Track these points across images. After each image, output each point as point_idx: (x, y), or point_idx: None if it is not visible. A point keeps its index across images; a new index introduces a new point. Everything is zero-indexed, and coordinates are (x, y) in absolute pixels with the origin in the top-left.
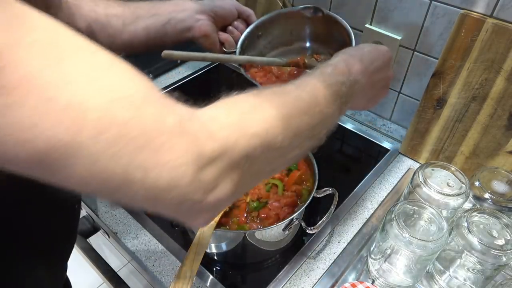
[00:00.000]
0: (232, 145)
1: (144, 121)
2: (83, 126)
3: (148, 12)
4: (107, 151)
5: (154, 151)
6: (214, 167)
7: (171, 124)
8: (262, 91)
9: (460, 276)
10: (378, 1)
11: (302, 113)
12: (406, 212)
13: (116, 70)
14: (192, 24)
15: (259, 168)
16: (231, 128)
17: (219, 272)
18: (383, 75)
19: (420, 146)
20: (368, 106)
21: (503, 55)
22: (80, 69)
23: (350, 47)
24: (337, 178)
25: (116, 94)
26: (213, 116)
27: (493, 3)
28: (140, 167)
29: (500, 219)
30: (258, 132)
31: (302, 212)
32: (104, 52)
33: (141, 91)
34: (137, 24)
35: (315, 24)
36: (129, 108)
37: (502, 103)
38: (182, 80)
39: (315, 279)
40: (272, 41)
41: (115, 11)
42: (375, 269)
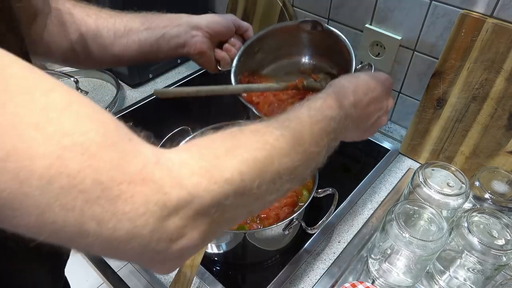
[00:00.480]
0: (202, 193)
1: (99, 170)
2: (29, 175)
3: (141, 25)
4: (56, 202)
5: (111, 201)
6: (179, 217)
7: (132, 171)
8: (242, 130)
9: (460, 276)
10: (378, 1)
11: (284, 155)
12: (406, 212)
13: (72, 112)
14: (187, 41)
15: (232, 214)
16: (202, 174)
17: (219, 272)
18: (380, 106)
19: (420, 146)
20: (365, 137)
21: (503, 55)
22: (28, 111)
23: (345, 75)
24: (337, 178)
25: (68, 139)
26: (183, 160)
27: (493, 3)
28: (94, 219)
29: (500, 219)
30: (231, 178)
31: (302, 212)
32: (61, 90)
33: (100, 135)
34: (128, 38)
35: (315, 38)
36: (82, 155)
37: (502, 103)
38: (182, 80)
39: (315, 279)
40: (270, 55)
41: (106, 23)
42: (375, 269)
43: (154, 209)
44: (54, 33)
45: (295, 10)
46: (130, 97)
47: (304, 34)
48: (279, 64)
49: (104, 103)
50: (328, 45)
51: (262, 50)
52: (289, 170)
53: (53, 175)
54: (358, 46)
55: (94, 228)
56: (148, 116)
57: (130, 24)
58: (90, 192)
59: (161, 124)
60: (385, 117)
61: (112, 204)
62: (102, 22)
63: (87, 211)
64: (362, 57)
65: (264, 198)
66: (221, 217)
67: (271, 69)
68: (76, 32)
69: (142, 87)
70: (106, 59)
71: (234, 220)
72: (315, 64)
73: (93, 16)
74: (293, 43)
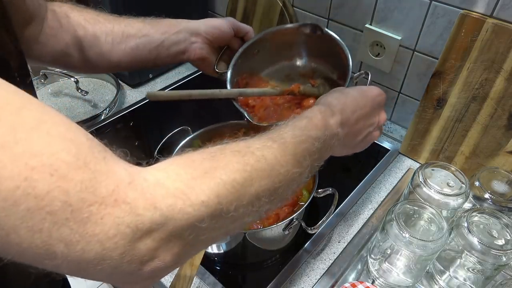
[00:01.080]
0: (176, 215)
1: (69, 191)
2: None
3: (139, 31)
4: (22, 224)
5: (80, 223)
6: (152, 239)
7: (104, 192)
8: (223, 150)
9: (460, 276)
10: (378, 1)
11: (264, 177)
12: (406, 212)
13: (43, 131)
14: (187, 47)
15: (207, 236)
16: (177, 196)
17: (219, 272)
18: (369, 122)
19: (420, 146)
20: (355, 151)
21: (503, 55)
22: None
23: (335, 91)
24: (337, 178)
25: (37, 160)
26: (159, 180)
27: (493, 3)
28: (62, 241)
29: (500, 219)
30: (208, 201)
31: (302, 212)
32: (33, 108)
33: (71, 155)
34: (126, 44)
35: (315, 41)
36: (51, 176)
37: (502, 103)
38: (182, 80)
39: (315, 279)
40: (270, 57)
41: (104, 28)
42: (375, 269)
43: (125, 231)
44: (50, 36)
45: (295, 10)
46: (130, 97)
47: (304, 37)
48: (278, 66)
49: (104, 103)
50: (328, 49)
51: (262, 52)
52: (269, 191)
53: (20, 197)
54: (358, 46)
55: (62, 250)
56: (148, 116)
57: (128, 30)
58: (59, 214)
59: (161, 124)
60: (376, 132)
61: (82, 226)
62: (100, 27)
63: (55, 233)
64: (362, 57)
65: (242, 220)
66: (195, 239)
67: (270, 71)
68: (73, 37)
69: (142, 87)
70: (103, 65)
71: (209, 241)
72: (315, 67)
73: (90, 20)
74: (293, 46)
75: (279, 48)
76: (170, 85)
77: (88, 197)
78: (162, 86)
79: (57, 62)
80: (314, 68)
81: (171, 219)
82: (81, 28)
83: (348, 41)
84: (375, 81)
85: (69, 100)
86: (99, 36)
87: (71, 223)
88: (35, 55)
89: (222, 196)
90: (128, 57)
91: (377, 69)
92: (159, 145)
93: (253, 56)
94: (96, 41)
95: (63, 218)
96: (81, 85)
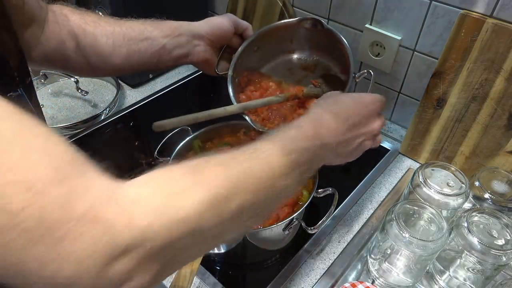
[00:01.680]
0: (154, 234)
1: (45, 207)
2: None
3: (140, 34)
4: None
5: (54, 242)
6: (128, 259)
7: (80, 210)
8: (207, 162)
9: (460, 276)
10: (378, 1)
11: (248, 191)
12: (406, 212)
13: (22, 144)
14: (190, 50)
15: (187, 254)
16: (155, 213)
17: (219, 272)
18: (362, 131)
19: (420, 146)
20: (348, 160)
21: (503, 55)
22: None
23: (328, 97)
24: (337, 178)
25: (13, 174)
26: (137, 197)
27: (493, 3)
28: (36, 259)
29: (500, 219)
30: (187, 217)
31: (302, 212)
32: (13, 119)
33: (49, 170)
34: (128, 47)
35: (315, 36)
36: (27, 192)
37: (502, 103)
38: (182, 80)
39: (315, 279)
40: (271, 53)
41: (104, 31)
42: (375, 269)
43: (102, 250)
44: (50, 39)
45: (295, 10)
46: (130, 97)
47: (304, 31)
48: (280, 61)
49: (104, 103)
50: (329, 43)
51: (262, 48)
52: (253, 206)
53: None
54: (358, 46)
55: (36, 268)
56: (148, 116)
57: (129, 32)
58: (34, 231)
59: None
60: (369, 141)
61: (57, 244)
62: (100, 30)
63: (30, 250)
64: (362, 57)
65: (223, 237)
66: (174, 258)
67: (271, 66)
68: (73, 39)
69: (142, 87)
70: (105, 67)
71: (188, 259)
72: (317, 59)
73: (91, 23)
74: (294, 40)
75: (279, 43)
76: (170, 85)
77: (65, 213)
78: (162, 86)
79: (57, 65)
80: (316, 61)
81: (149, 238)
82: (82, 30)
83: (348, 41)
84: (375, 81)
85: (69, 100)
86: (100, 39)
87: (47, 240)
88: (35, 58)
89: (202, 212)
90: (130, 60)
91: (377, 69)
92: (159, 146)
93: (253, 54)
94: (96, 43)
95: (38, 235)
96: (81, 85)
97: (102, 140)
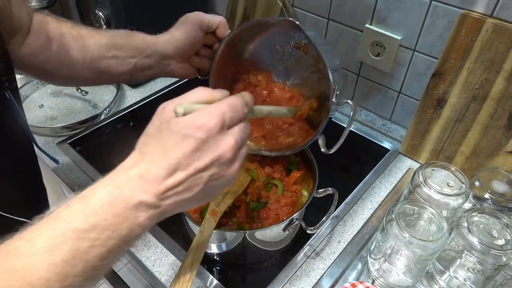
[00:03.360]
0: None
1: None
2: None
3: (108, 51)
4: None
5: None
6: None
7: None
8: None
9: (460, 276)
10: (378, 1)
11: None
12: (406, 212)
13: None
14: (163, 70)
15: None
16: None
17: (219, 272)
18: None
19: (420, 146)
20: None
21: (503, 55)
22: None
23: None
24: (337, 178)
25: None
26: None
27: (493, 3)
28: None
29: (500, 219)
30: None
31: (302, 212)
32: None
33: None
34: (100, 63)
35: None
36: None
37: (502, 103)
38: (183, 80)
39: (315, 279)
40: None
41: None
42: (375, 269)
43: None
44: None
45: (295, 10)
46: (130, 97)
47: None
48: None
49: (104, 103)
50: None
51: (242, 40)
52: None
53: None
54: (358, 46)
55: None
56: (148, 116)
57: (97, 50)
58: None
59: None
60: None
61: None
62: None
63: None
64: (362, 57)
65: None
66: None
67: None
68: (50, 50)
69: (142, 87)
70: (78, 80)
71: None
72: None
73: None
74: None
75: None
76: (170, 85)
77: None
78: (162, 86)
79: (32, 72)
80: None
81: None
82: (58, 41)
83: (348, 41)
84: (375, 81)
85: (69, 100)
86: (74, 53)
87: None
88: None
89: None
90: (101, 76)
91: (377, 69)
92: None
93: (233, 47)
94: (69, 57)
95: None
96: None
97: (102, 140)
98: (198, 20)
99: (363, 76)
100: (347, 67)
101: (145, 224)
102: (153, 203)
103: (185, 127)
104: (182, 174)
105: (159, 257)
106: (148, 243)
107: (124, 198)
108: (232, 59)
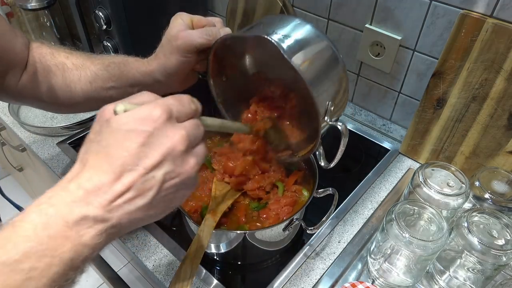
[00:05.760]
0: None
1: None
2: None
3: (105, 82)
4: None
5: None
6: None
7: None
8: None
9: (460, 276)
10: (378, 1)
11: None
12: (406, 212)
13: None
14: (165, 90)
15: None
16: None
17: (219, 272)
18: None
19: (420, 146)
20: (177, 204)
21: (503, 55)
22: None
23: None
24: (337, 178)
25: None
26: None
27: (493, 3)
28: None
29: (500, 219)
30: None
31: (302, 212)
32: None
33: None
34: (98, 95)
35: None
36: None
37: (502, 103)
38: None
39: (315, 279)
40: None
41: (72, 76)
42: (375, 269)
43: None
44: (29, 79)
45: (295, 10)
46: None
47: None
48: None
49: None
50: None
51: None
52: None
53: None
54: (358, 46)
55: None
56: None
57: (95, 83)
58: None
59: None
60: (180, 175)
61: None
62: (68, 75)
63: None
64: (362, 57)
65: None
66: None
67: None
68: (48, 83)
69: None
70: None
71: None
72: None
73: (66, 68)
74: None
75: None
76: None
77: None
78: None
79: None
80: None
81: None
82: (58, 73)
83: (348, 41)
84: (375, 81)
85: None
86: (73, 86)
87: None
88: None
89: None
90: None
91: (377, 69)
92: None
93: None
94: (71, 90)
95: None
96: None
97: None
98: (187, 47)
99: (363, 76)
100: (347, 67)
101: (94, 243)
102: (100, 215)
103: (127, 122)
104: (130, 176)
105: (159, 257)
106: (148, 243)
107: (62, 215)
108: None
